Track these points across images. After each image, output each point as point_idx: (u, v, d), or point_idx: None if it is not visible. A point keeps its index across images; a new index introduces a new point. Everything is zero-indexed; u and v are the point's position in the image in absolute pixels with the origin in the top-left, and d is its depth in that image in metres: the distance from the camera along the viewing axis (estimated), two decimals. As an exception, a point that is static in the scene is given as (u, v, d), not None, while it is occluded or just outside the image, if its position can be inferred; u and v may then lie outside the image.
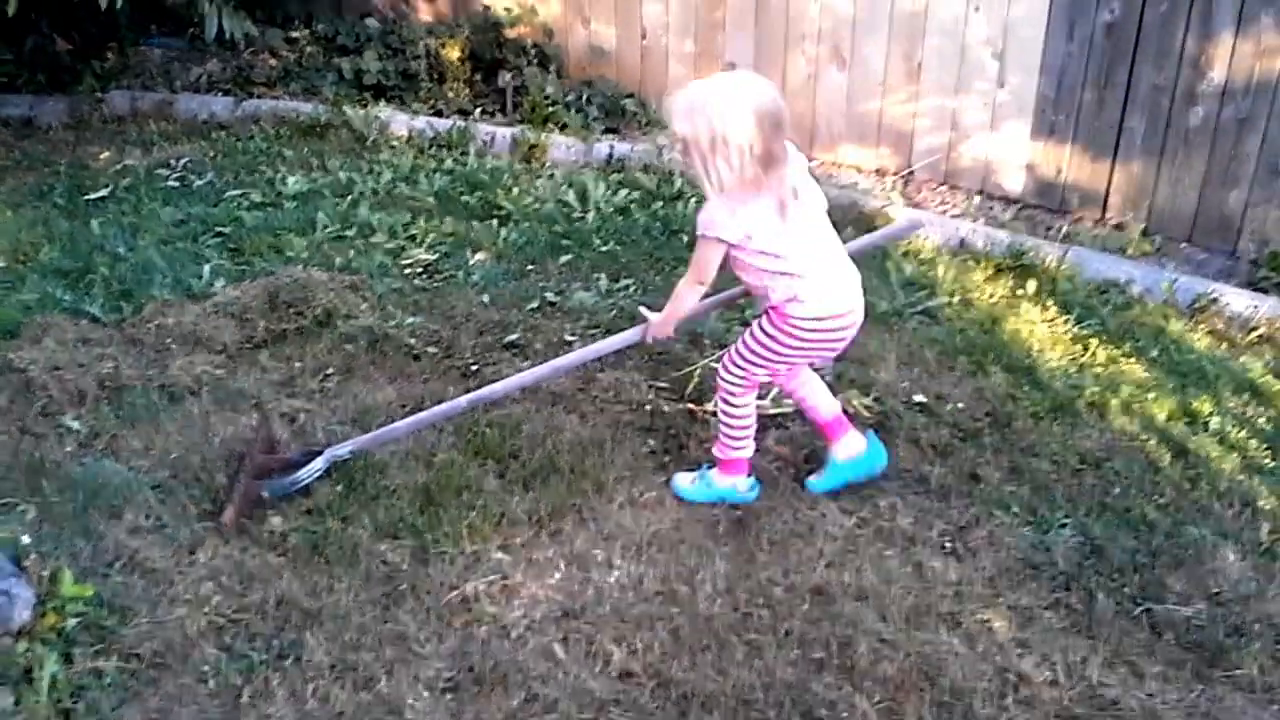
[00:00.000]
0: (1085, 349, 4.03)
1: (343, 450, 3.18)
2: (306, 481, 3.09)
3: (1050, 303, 4.32)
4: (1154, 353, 4.05)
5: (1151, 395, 3.74)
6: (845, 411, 3.31)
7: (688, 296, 2.99)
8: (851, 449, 3.20)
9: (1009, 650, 2.68)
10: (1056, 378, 3.82)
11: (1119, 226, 5.06)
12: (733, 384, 3.04)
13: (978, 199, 5.45)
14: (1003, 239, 4.85)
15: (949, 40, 5.34)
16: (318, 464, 3.12)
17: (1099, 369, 3.92)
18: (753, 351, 2.97)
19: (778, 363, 2.99)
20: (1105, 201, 5.14)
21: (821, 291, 2.87)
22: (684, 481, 3.20)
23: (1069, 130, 5.13)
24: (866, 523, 3.10)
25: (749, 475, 3.18)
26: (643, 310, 3.25)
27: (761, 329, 2.94)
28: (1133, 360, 3.98)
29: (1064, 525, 3.11)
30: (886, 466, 3.24)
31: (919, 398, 3.66)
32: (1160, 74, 4.82)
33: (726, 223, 2.78)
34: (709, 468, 3.18)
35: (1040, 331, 4.13)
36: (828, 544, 3.00)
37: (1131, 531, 3.11)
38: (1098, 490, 3.28)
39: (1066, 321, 4.19)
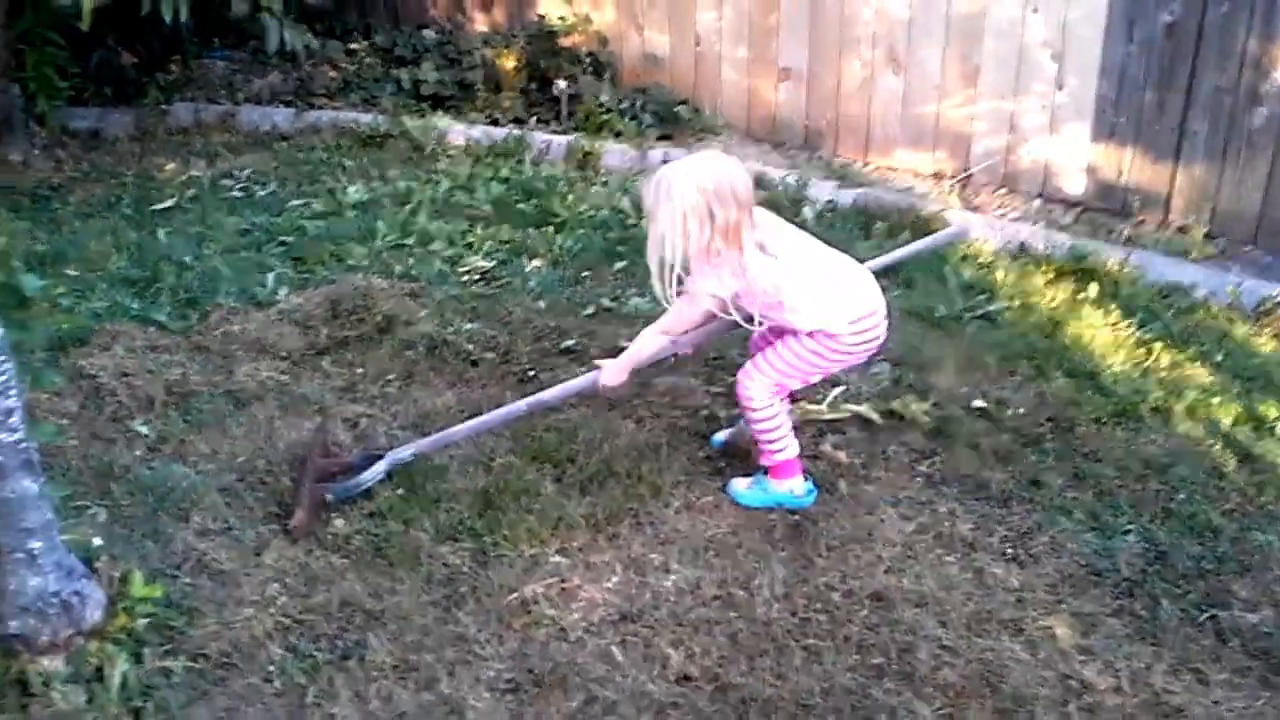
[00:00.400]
0: (1149, 353, 3.98)
1: (404, 453, 3.23)
2: (369, 485, 3.13)
3: (1113, 306, 4.27)
4: (1218, 357, 3.98)
5: (1216, 400, 3.68)
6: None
7: (651, 344, 3.09)
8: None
9: (1072, 657, 2.65)
10: (1120, 382, 3.78)
11: (1182, 229, 4.99)
12: (755, 388, 3.06)
13: (1037, 202, 5.39)
14: (1064, 242, 4.80)
15: (1006, 42, 5.29)
16: (380, 467, 3.16)
17: (1163, 373, 3.86)
18: (784, 362, 3.02)
19: (808, 373, 3.07)
20: (1168, 204, 5.07)
21: (835, 304, 2.95)
22: (741, 486, 3.20)
23: (1130, 132, 5.06)
24: (926, 529, 3.08)
25: (805, 479, 3.18)
26: (597, 361, 3.28)
27: (801, 344, 2.99)
28: (1197, 365, 3.92)
29: (1128, 531, 3.07)
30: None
31: (979, 403, 3.63)
32: (1222, 75, 4.74)
33: (720, 283, 2.89)
34: (765, 474, 3.18)
35: (1103, 336, 4.08)
36: (887, 549, 2.99)
37: (1196, 537, 3.06)
38: (1162, 496, 3.23)
39: (1129, 325, 4.13)
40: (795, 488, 3.15)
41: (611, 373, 3.15)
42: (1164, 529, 3.09)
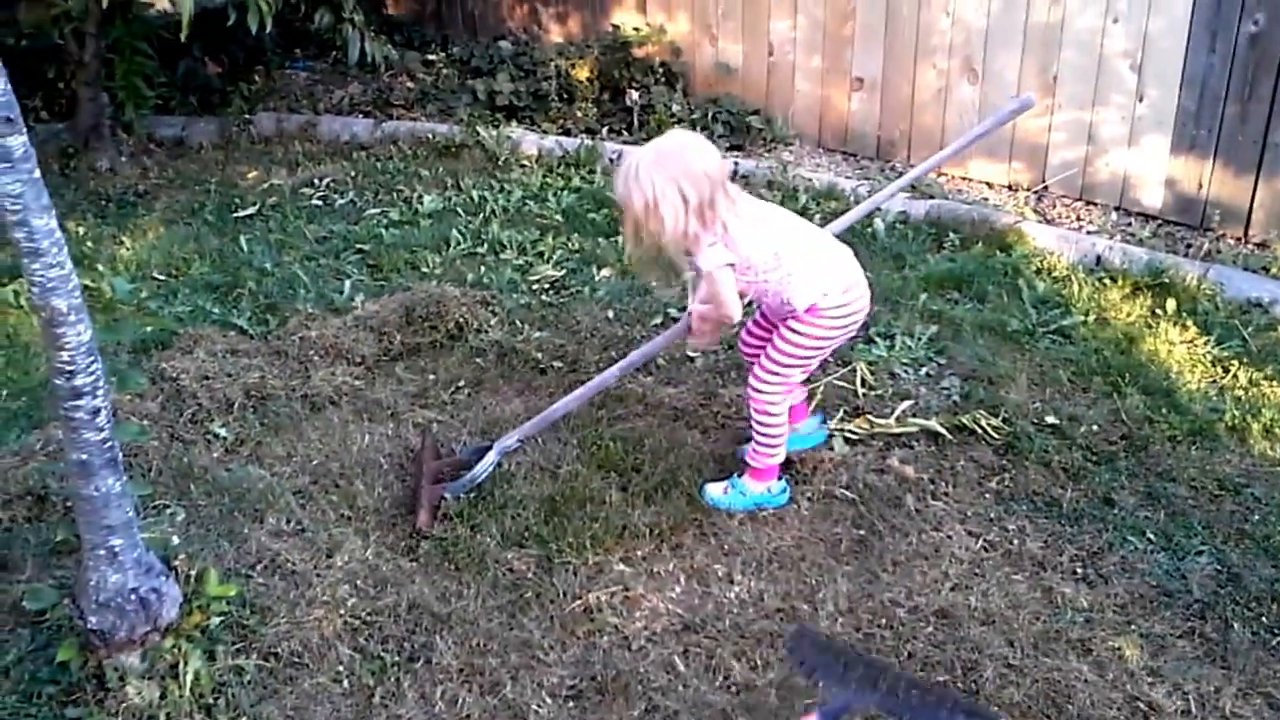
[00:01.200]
0: (1226, 371, 3.89)
1: (510, 441, 3.31)
2: (483, 477, 3.22)
3: (1190, 323, 4.18)
4: (1301, 374, 3.89)
5: (1297, 420, 3.59)
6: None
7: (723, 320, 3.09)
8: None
9: (1140, 679, 2.60)
10: (1195, 400, 3.70)
11: (1262, 245, 4.87)
12: (771, 391, 3.09)
13: (1115, 215, 5.30)
14: (1141, 256, 4.71)
15: (1085, 53, 5.22)
16: (491, 457, 3.25)
17: (1240, 392, 3.77)
18: (788, 355, 3.04)
19: (811, 358, 3.10)
20: (1248, 218, 4.95)
21: (828, 273, 2.99)
22: (716, 491, 3.22)
23: (1210, 145, 4.96)
24: (994, 546, 3.05)
25: (780, 478, 3.21)
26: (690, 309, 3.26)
27: (793, 331, 3.01)
28: (1275, 383, 3.82)
29: (1200, 552, 3.01)
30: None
31: (1050, 419, 3.57)
32: (1309, 86, 4.63)
33: (719, 254, 2.90)
34: (739, 476, 3.21)
35: (1179, 352, 4.00)
36: (953, 566, 2.96)
37: (1270, 560, 2.99)
38: (1236, 517, 3.16)
39: (1207, 342, 4.04)
40: (772, 488, 3.19)
41: (699, 322, 3.15)
42: (1237, 550, 3.02)
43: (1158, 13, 4.94)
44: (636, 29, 6.67)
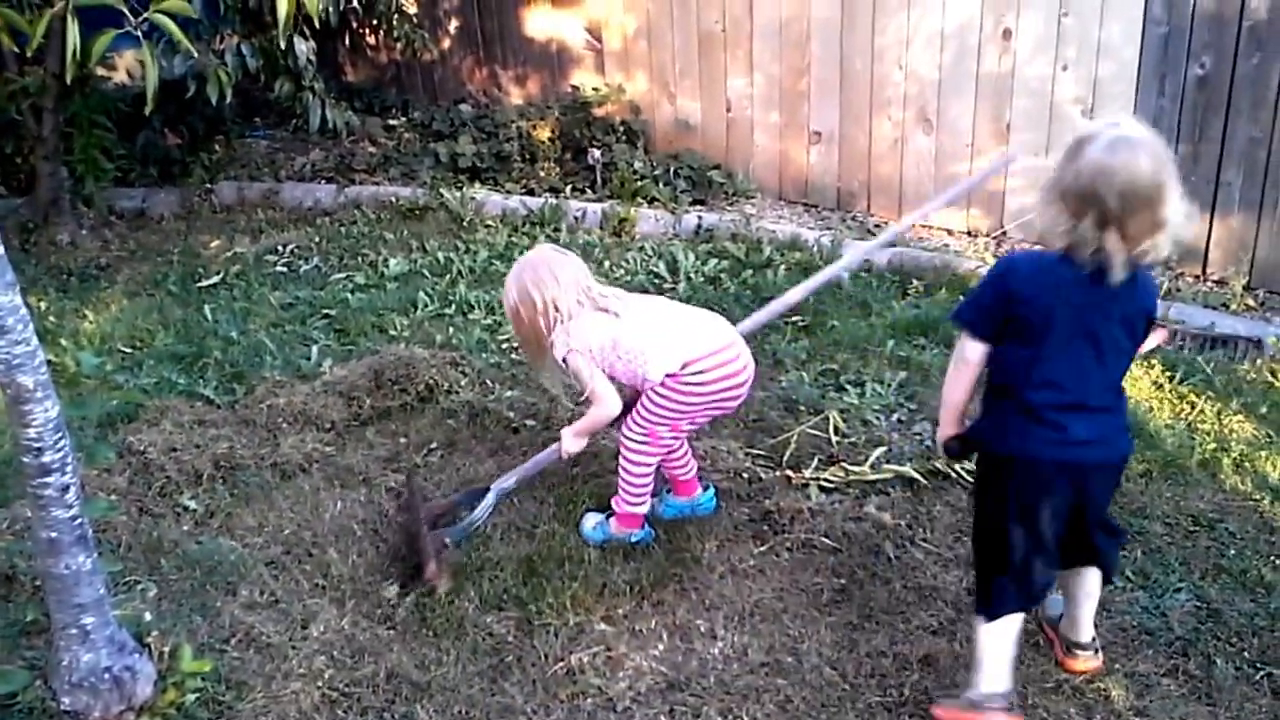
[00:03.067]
0: (1192, 407, 3.94)
1: (508, 482, 3.36)
2: (482, 520, 3.26)
3: (1154, 360, 4.24)
4: (1263, 409, 3.93)
5: (1264, 453, 3.63)
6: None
7: (600, 420, 3.18)
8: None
9: (1127, 719, 2.60)
10: (1165, 437, 3.74)
11: (1220, 282, 4.96)
12: (636, 446, 3.18)
13: (1073, 257, 5.37)
14: (1101, 297, 4.76)
15: (1037, 100, 5.33)
16: (489, 500, 3.30)
17: (1207, 427, 3.82)
18: (651, 413, 3.12)
19: (673, 419, 3.12)
20: (1205, 256, 5.05)
21: (671, 347, 3.06)
22: (589, 524, 3.30)
23: (1165, 185, 5.05)
24: (975, 590, 3.04)
25: (643, 527, 3.28)
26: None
27: (651, 397, 3.11)
28: (1241, 417, 3.87)
29: (1179, 589, 3.02)
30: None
31: (1022, 460, 3.59)
32: (1256, 126, 4.74)
33: (565, 341, 3.07)
34: (608, 517, 3.29)
35: (1144, 388, 4.05)
36: (936, 612, 2.96)
37: (1249, 594, 3.00)
38: (1212, 552, 3.18)
39: (1171, 379, 4.09)
40: (634, 534, 3.26)
41: (569, 440, 3.25)
42: (1215, 586, 3.04)
43: (1106, 58, 5.06)
44: (596, 89, 6.75)
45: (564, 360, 3.10)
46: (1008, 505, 2.44)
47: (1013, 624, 2.51)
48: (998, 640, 2.50)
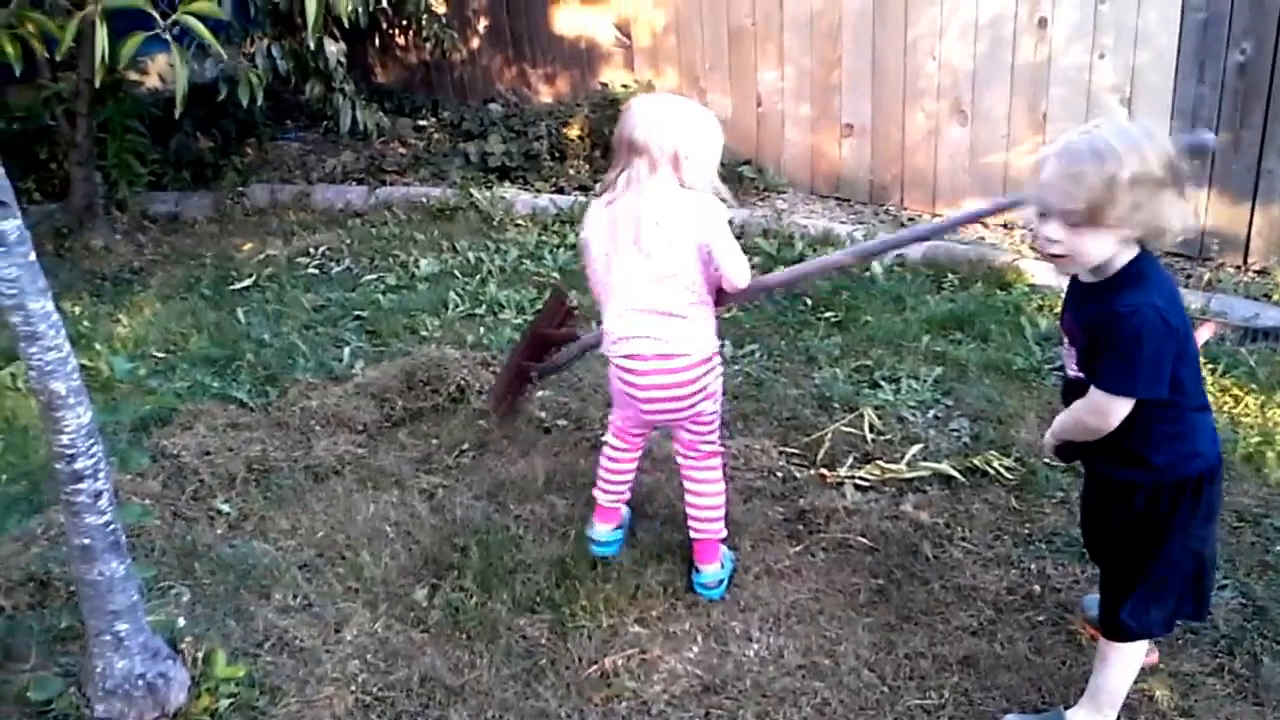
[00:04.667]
0: (1235, 400, 3.86)
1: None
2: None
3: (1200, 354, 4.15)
4: (1309, 401, 3.85)
5: (1311, 447, 3.55)
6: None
7: None
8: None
9: (1172, 719, 2.55)
10: (1208, 431, 3.66)
11: (1262, 272, 4.86)
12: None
13: (1112, 249, 5.29)
14: (1141, 289, 4.68)
15: (1074, 89, 5.24)
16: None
17: (1251, 420, 3.74)
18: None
19: (616, 405, 3.07)
20: (1247, 246, 4.94)
21: (607, 314, 2.90)
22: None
23: (1205, 174, 4.96)
24: (1015, 589, 2.99)
25: (600, 522, 3.19)
26: None
27: None
28: (1289, 410, 3.79)
29: (1224, 586, 2.95)
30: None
31: (1062, 457, 3.53)
32: (1300, 112, 4.64)
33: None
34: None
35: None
36: (975, 612, 2.91)
37: (1297, 591, 2.94)
38: (1257, 549, 3.11)
39: (1214, 371, 4.01)
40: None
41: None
42: (1261, 583, 2.96)
43: (1144, 46, 4.97)
44: (625, 85, 6.72)
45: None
46: (1209, 519, 2.32)
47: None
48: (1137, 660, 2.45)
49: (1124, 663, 2.43)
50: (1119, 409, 2.17)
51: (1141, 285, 2.12)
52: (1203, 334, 2.83)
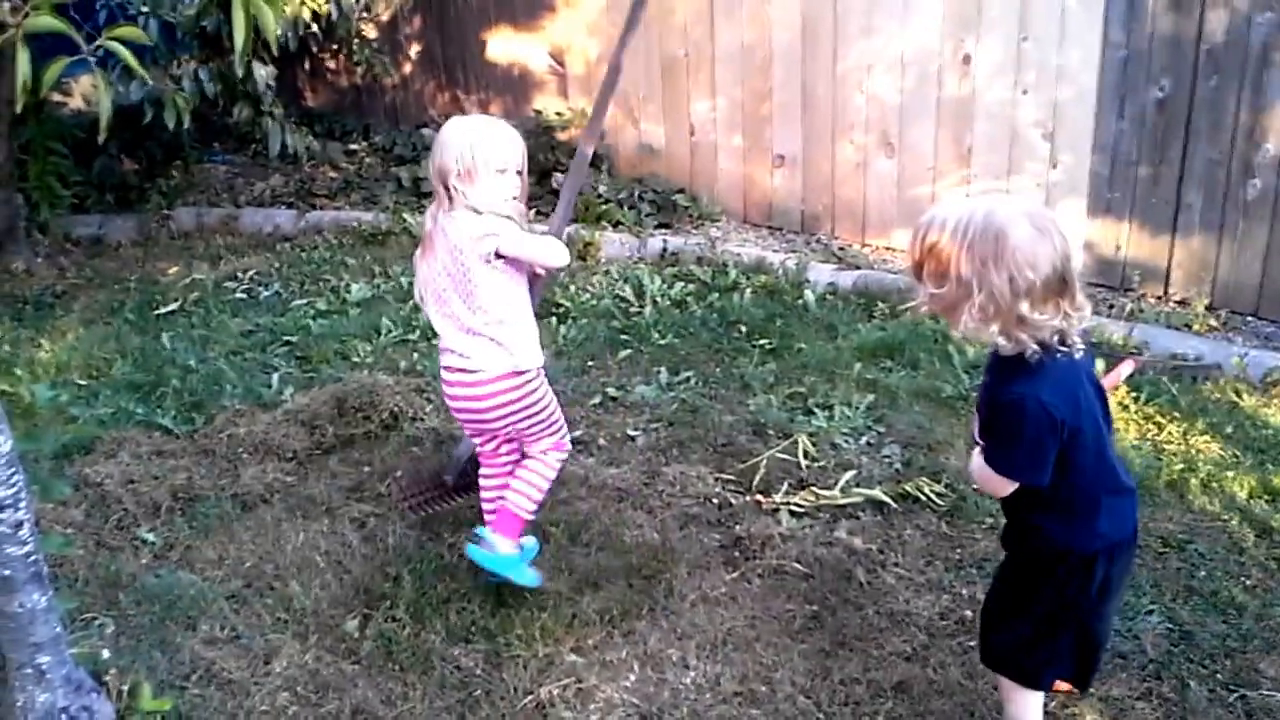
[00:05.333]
0: (1158, 427, 3.96)
1: None
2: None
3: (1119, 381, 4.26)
4: (1229, 429, 3.96)
5: (1230, 473, 3.65)
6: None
7: None
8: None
9: (1104, 744, 2.59)
10: (1133, 457, 3.75)
11: (1182, 302, 5.00)
12: None
13: (1036, 279, 5.41)
14: (1065, 318, 4.79)
15: (997, 124, 5.37)
16: None
17: (1174, 447, 3.84)
18: None
19: None
20: (1167, 277, 5.09)
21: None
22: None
23: (1126, 207, 5.11)
24: (948, 613, 3.03)
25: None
26: None
27: None
28: (1208, 438, 3.89)
29: (1150, 611, 3.02)
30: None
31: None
32: (1215, 148, 4.79)
33: None
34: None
35: (1112, 411, 4.05)
36: (908, 637, 2.93)
37: (1220, 615, 3.00)
38: (1183, 574, 3.18)
39: (1136, 399, 4.11)
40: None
41: None
42: (1186, 608, 3.03)
43: (1066, 82, 5.11)
44: (559, 113, 6.73)
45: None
46: (1105, 597, 2.29)
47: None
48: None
49: (1023, 704, 2.46)
50: (1002, 486, 2.24)
51: (1031, 377, 2.10)
52: (1124, 370, 2.90)
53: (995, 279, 2.04)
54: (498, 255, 2.86)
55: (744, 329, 4.82)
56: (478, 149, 2.85)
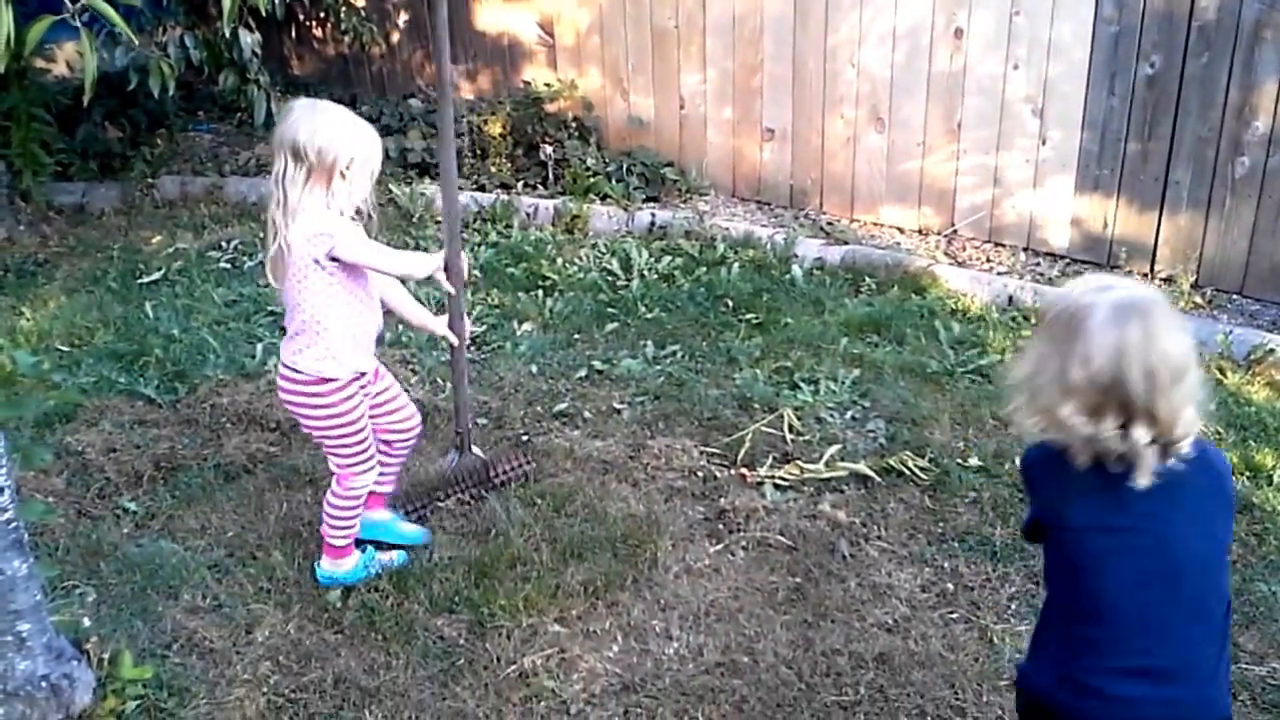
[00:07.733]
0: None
1: None
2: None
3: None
4: (1212, 406, 3.96)
5: (1214, 449, 3.66)
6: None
7: None
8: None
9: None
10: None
11: (1168, 279, 5.01)
12: None
13: (1023, 255, 5.42)
14: (1051, 295, 4.80)
15: (988, 99, 5.35)
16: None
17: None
18: None
19: None
20: (1154, 254, 5.09)
21: None
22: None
23: (1114, 184, 5.10)
24: (929, 587, 3.04)
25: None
26: None
27: None
28: (1192, 414, 3.90)
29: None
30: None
31: (975, 460, 3.60)
32: (1204, 125, 4.79)
33: None
34: None
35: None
36: (890, 610, 2.94)
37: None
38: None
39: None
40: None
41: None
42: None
43: (1057, 58, 5.09)
44: (548, 84, 6.68)
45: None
46: None
47: None
48: None
49: None
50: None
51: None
52: None
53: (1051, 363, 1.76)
54: (330, 258, 2.77)
55: (731, 303, 4.81)
56: (373, 148, 2.85)
